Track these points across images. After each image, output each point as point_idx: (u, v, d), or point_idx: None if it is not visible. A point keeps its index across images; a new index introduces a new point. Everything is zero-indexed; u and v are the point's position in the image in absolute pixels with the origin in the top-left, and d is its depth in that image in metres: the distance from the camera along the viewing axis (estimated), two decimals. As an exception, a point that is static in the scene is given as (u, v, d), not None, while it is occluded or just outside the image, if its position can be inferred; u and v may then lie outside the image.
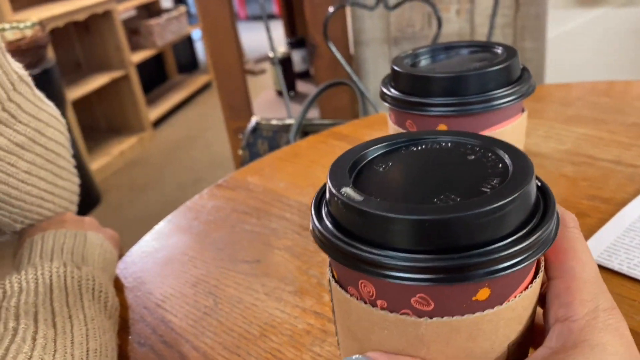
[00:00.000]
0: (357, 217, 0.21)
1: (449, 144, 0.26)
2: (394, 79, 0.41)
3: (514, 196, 0.21)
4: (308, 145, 0.78)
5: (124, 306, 0.50)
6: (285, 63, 1.96)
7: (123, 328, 0.48)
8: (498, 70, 0.38)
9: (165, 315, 0.48)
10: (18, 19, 2.10)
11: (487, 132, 0.39)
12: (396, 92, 0.40)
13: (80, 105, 2.59)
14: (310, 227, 0.24)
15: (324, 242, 0.23)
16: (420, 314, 0.22)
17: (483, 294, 0.22)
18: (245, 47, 3.86)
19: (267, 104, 2.00)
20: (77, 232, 0.50)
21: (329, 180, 0.23)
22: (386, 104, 0.41)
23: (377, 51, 1.64)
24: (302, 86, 2.06)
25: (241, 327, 0.46)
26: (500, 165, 0.24)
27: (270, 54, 1.87)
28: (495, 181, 0.22)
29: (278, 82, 1.96)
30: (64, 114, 2.09)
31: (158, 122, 3.07)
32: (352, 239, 0.22)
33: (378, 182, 0.24)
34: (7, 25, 1.96)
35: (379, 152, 0.26)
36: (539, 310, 0.26)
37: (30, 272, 0.43)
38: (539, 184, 0.24)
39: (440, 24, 1.19)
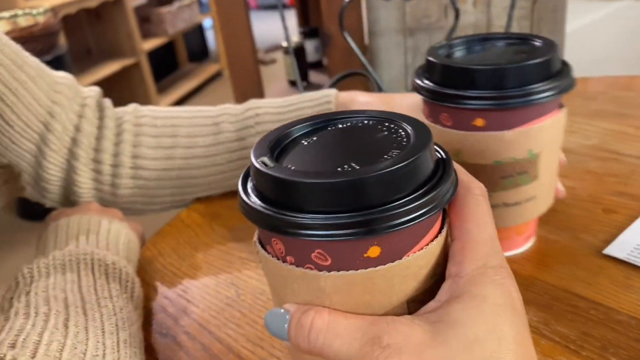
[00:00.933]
0: (267, 181, 0.25)
1: (371, 122, 0.29)
2: (428, 70, 0.40)
3: (401, 164, 0.23)
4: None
5: (145, 296, 0.50)
6: (298, 53, 1.95)
7: (145, 318, 0.47)
8: (538, 64, 0.37)
9: (187, 306, 0.48)
10: (31, 6, 2.10)
11: (525, 127, 0.39)
12: (431, 84, 0.39)
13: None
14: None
15: (242, 205, 0.26)
16: (320, 269, 0.25)
17: (373, 251, 0.24)
18: (256, 37, 3.83)
19: (279, 94, 1.99)
20: (101, 219, 0.50)
21: (252, 151, 0.27)
22: (420, 96, 0.40)
23: (392, 41, 1.62)
24: (314, 76, 2.05)
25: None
26: (405, 140, 0.26)
27: (284, 44, 1.86)
28: (394, 153, 0.25)
29: (290, 72, 1.95)
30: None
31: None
32: (266, 202, 0.25)
33: (298, 154, 0.27)
34: (19, 12, 1.95)
35: (308, 129, 0.29)
36: None
37: (58, 256, 0.42)
38: (443, 156, 0.27)
39: (458, 15, 1.17)
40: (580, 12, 1.50)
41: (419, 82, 0.40)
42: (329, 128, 0.29)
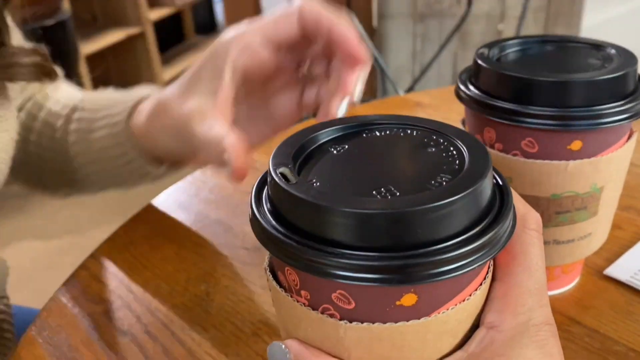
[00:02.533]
0: (285, 200, 0.20)
1: (415, 132, 0.25)
2: (475, 74, 0.35)
3: (453, 198, 0.19)
4: (321, 124, 0.74)
5: (111, 289, 0.47)
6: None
7: (107, 313, 0.44)
8: (613, 80, 0.31)
9: (152, 302, 0.45)
10: (34, -33, 2.04)
11: (595, 158, 0.33)
12: (477, 92, 0.34)
13: (94, 60, 2.53)
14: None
15: (253, 223, 0.22)
16: (341, 312, 0.21)
17: (408, 299, 0.20)
18: (266, 12, 3.76)
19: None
20: None
21: (271, 158, 0.22)
22: (463, 104, 0.35)
23: (401, 26, 1.57)
24: (320, 57, 2.00)
25: (233, 323, 0.42)
26: (458, 162, 0.22)
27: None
28: (444, 179, 0.21)
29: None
30: (76, 67, 2.04)
31: (172, 83, 3.02)
32: (281, 223, 0.21)
33: (326, 166, 0.23)
34: (22, -27, 1.90)
35: (339, 134, 0.25)
36: None
37: None
38: (500, 182, 0.23)
39: (471, 3, 1.12)
40: (599, 6, 1.44)
41: (462, 87, 0.35)
42: (365, 135, 0.25)
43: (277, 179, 0.21)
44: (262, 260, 0.48)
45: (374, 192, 0.20)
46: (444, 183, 0.20)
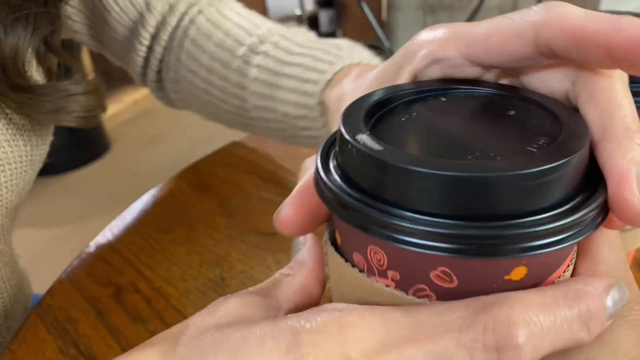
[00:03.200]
0: (375, 169, 0.18)
1: (489, 96, 0.22)
2: None
3: (566, 159, 0.17)
4: (335, 110, 0.71)
5: (119, 271, 0.44)
6: (312, 22, 1.88)
7: (115, 297, 0.42)
8: None
9: (164, 287, 0.42)
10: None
11: None
12: None
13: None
14: (314, 180, 0.20)
15: (329, 198, 0.19)
16: (439, 292, 0.18)
17: (518, 273, 0.18)
18: (270, 5, 3.75)
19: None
20: None
21: (342, 126, 0.19)
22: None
23: (411, 18, 1.54)
24: (326, 49, 1.98)
25: (249, 309, 0.39)
26: (548, 123, 0.20)
27: (298, 12, 1.78)
28: (542, 140, 0.18)
29: (302, 43, 1.87)
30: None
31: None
32: (365, 195, 0.18)
33: (399, 133, 0.20)
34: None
35: (404, 100, 0.22)
36: None
37: None
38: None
39: (485, -6, 1.10)
40: (615, 1, 1.41)
41: None
42: (430, 100, 0.22)
43: (361, 147, 0.18)
44: (278, 245, 0.46)
45: (469, 157, 0.18)
46: (545, 145, 0.18)
